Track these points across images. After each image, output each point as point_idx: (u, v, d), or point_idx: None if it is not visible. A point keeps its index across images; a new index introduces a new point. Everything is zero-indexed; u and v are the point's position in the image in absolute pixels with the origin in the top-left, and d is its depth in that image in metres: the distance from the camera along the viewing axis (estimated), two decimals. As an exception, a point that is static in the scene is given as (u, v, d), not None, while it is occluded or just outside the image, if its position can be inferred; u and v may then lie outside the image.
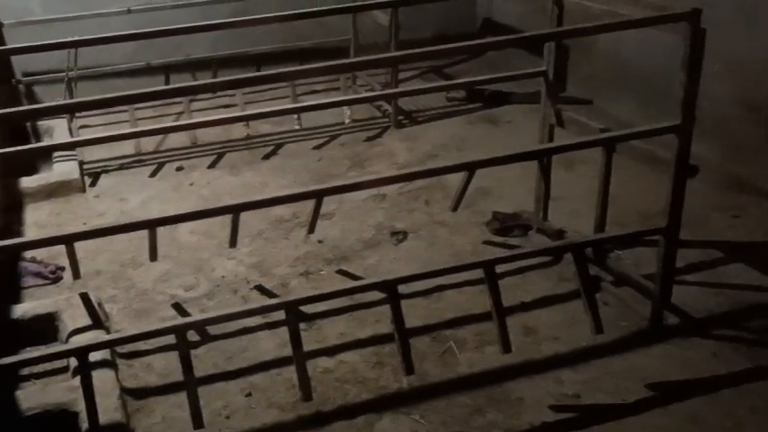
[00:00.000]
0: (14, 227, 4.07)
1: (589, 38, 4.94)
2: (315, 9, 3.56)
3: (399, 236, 3.80)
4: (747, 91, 3.97)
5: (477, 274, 2.84)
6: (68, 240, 2.56)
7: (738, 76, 3.96)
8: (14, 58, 5.54)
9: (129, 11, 5.21)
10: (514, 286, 3.30)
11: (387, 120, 5.22)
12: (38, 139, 5.01)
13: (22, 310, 3.16)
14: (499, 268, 3.27)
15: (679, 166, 2.63)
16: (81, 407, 2.49)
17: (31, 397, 2.62)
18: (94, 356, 2.70)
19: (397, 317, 2.58)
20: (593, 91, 5.13)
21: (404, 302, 3.15)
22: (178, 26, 3.49)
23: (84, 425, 2.43)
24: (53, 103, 2.58)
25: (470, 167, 2.70)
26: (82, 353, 2.38)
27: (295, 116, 5.09)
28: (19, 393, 2.65)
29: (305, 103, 4.43)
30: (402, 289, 3.20)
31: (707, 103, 4.01)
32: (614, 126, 3.29)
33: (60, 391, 2.64)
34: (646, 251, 3.33)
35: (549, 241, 3.50)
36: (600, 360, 2.83)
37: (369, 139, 5.01)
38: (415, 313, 3.16)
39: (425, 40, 4.91)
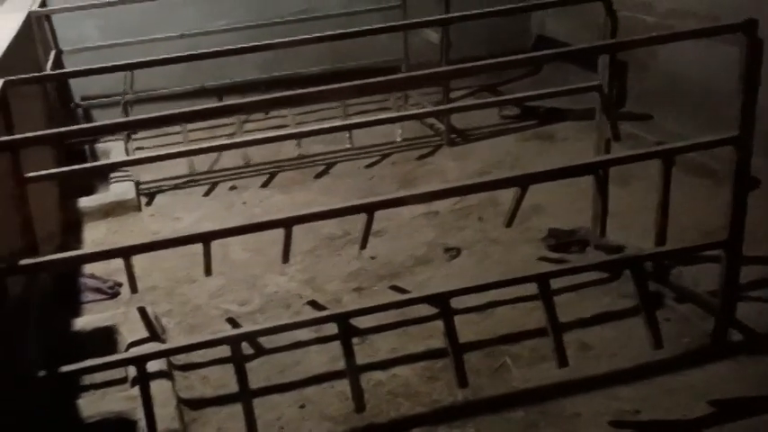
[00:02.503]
0: (73, 245, 4.16)
1: (647, 54, 4.90)
2: (363, 28, 3.59)
3: (452, 252, 3.78)
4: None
5: (531, 290, 2.80)
6: (126, 253, 2.60)
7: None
8: (72, 83, 5.72)
9: (182, 36, 5.34)
10: (571, 303, 3.24)
11: (439, 138, 5.22)
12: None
13: (81, 323, 3.23)
14: (556, 285, 3.23)
15: (739, 178, 2.57)
16: (139, 416, 2.52)
17: (91, 405, 2.67)
18: (152, 367, 2.73)
19: (450, 329, 2.55)
20: (651, 107, 5.05)
21: (457, 318, 3.13)
22: (229, 47, 3.56)
23: (143, 433, 2.46)
24: (111, 121, 2.63)
25: (522, 181, 2.67)
26: (140, 361, 2.41)
27: (346, 135, 5.13)
28: (79, 402, 2.70)
29: (355, 120, 4.45)
30: (455, 305, 3.18)
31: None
32: (673, 141, 3.23)
33: (119, 401, 2.68)
34: (708, 267, 3.23)
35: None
36: (660, 377, 2.75)
37: (420, 157, 5.01)
38: (468, 329, 3.12)
39: (478, 59, 4.90)
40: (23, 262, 2.23)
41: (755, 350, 2.84)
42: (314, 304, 3.42)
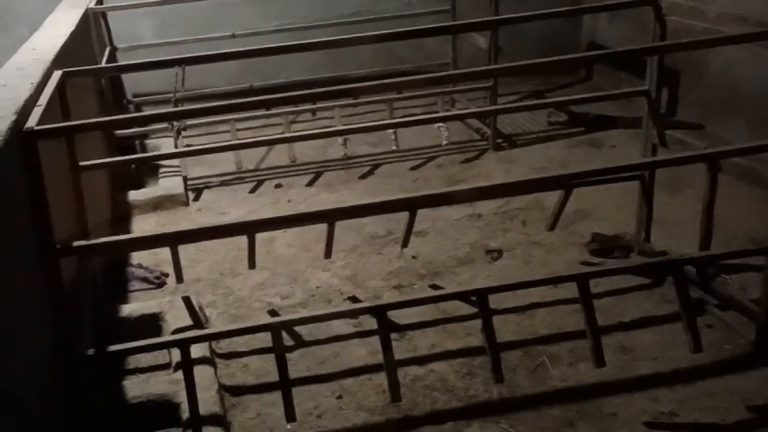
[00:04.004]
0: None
1: (701, 61, 4.85)
2: (412, 29, 3.62)
3: (494, 254, 3.79)
4: None
5: (572, 293, 2.81)
6: (172, 239, 2.66)
7: None
8: (125, 81, 5.86)
9: (233, 35, 5.44)
10: (613, 306, 3.24)
11: (485, 142, 5.23)
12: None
13: (129, 309, 3.32)
14: (598, 288, 3.26)
15: (786, 183, 2.55)
16: (182, 398, 2.59)
17: (136, 387, 2.75)
18: (195, 353, 2.80)
19: (487, 325, 2.57)
20: (705, 116, 4.99)
21: (497, 318, 3.16)
22: (278, 44, 3.61)
23: (185, 415, 2.52)
24: (158, 111, 2.71)
25: (562, 180, 2.68)
26: (184, 344, 2.47)
27: (392, 137, 5.17)
28: (125, 383, 2.78)
29: (402, 119, 4.48)
30: (495, 305, 3.21)
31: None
32: (724, 149, 3.20)
33: (163, 384, 2.75)
34: (754, 276, 3.21)
35: (650, 262, 3.42)
36: (699, 381, 2.74)
37: (466, 161, 5.03)
38: (507, 329, 3.15)
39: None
40: (77, 243, 2.31)
41: (798, 358, 2.81)
42: (354, 300, 3.46)
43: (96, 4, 4.93)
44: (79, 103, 3.80)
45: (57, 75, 2.70)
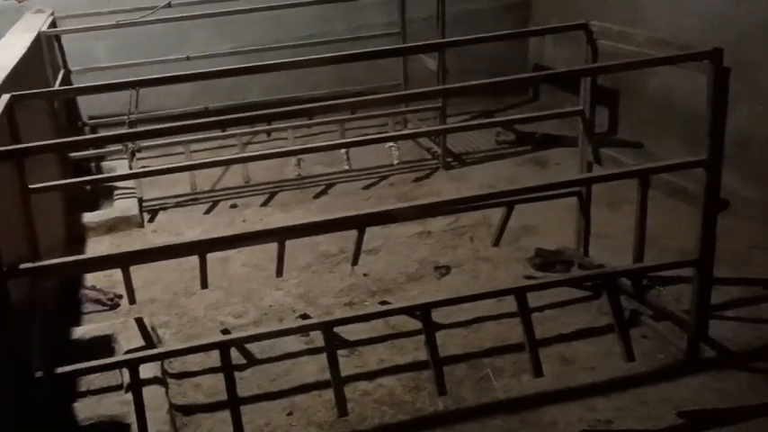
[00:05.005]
0: (77, 258, 4.28)
1: (638, 82, 5.05)
2: (362, 51, 3.72)
3: (442, 270, 3.90)
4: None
5: (516, 306, 2.91)
6: (123, 260, 2.72)
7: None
8: (81, 104, 5.88)
9: (188, 58, 5.51)
10: (554, 318, 3.36)
11: (436, 161, 5.35)
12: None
13: (81, 331, 3.35)
14: (539, 301, 3.37)
15: (708, 200, 2.69)
16: (133, 419, 2.63)
17: (87, 408, 2.79)
18: (146, 374, 2.86)
19: (430, 339, 2.66)
20: (643, 134, 5.19)
21: (444, 332, 3.28)
22: (233, 66, 3.69)
23: (135, 435, 2.57)
24: (109, 133, 2.78)
25: (504, 197, 2.80)
26: (133, 364, 2.52)
27: (344, 157, 5.27)
28: (76, 405, 2.82)
29: (353, 139, 4.59)
30: (443, 319, 3.32)
31: (756, 144, 4.08)
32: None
33: (114, 404, 2.80)
34: (687, 288, 3.34)
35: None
36: (634, 389, 2.86)
37: (417, 179, 5.15)
38: (454, 342, 3.25)
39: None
40: (24, 266, 2.36)
41: (726, 366, 2.95)
42: (305, 317, 3.54)
43: (50, 27, 4.97)
44: (31, 126, 3.84)
45: (5, 98, 2.75)
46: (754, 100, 4.06)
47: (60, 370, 2.49)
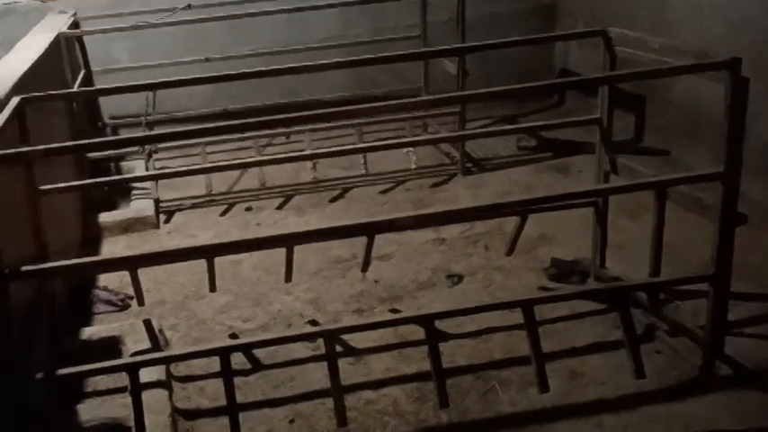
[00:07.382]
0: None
1: (664, 87, 4.95)
2: (381, 55, 3.67)
3: (454, 278, 3.84)
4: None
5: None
6: (130, 263, 2.71)
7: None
8: (103, 104, 5.90)
9: (207, 59, 5.50)
10: (566, 330, 3.30)
11: (454, 166, 5.29)
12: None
13: (89, 332, 3.35)
14: (552, 313, 3.31)
15: (725, 213, 2.61)
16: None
17: (90, 411, 2.78)
18: (150, 377, 2.84)
19: (433, 350, 2.61)
20: (670, 141, 5.08)
21: (452, 342, 3.23)
22: (250, 70, 3.66)
23: (135, 439, 2.55)
24: (125, 136, 2.77)
25: (518, 206, 2.74)
26: (133, 368, 2.50)
27: (361, 161, 5.23)
28: (80, 406, 2.81)
29: (371, 143, 4.55)
30: (452, 329, 3.27)
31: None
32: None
33: (117, 407, 2.78)
34: (706, 302, 3.27)
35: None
36: (645, 407, 2.78)
37: (434, 185, 5.09)
38: (462, 352, 3.19)
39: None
40: (26, 268, 2.35)
41: (742, 384, 2.86)
42: (314, 323, 3.50)
43: (71, 28, 4.99)
44: (49, 127, 3.85)
45: (15, 101, 2.74)
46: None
47: (61, 372, 2.47)
